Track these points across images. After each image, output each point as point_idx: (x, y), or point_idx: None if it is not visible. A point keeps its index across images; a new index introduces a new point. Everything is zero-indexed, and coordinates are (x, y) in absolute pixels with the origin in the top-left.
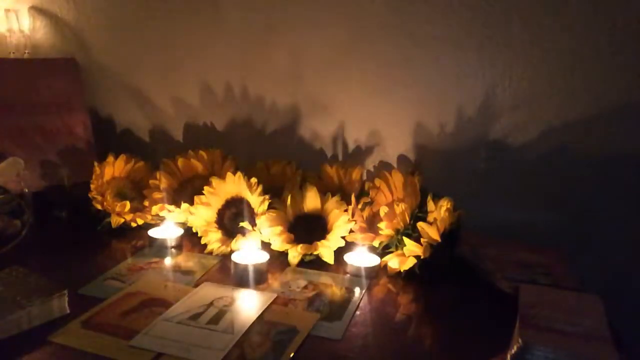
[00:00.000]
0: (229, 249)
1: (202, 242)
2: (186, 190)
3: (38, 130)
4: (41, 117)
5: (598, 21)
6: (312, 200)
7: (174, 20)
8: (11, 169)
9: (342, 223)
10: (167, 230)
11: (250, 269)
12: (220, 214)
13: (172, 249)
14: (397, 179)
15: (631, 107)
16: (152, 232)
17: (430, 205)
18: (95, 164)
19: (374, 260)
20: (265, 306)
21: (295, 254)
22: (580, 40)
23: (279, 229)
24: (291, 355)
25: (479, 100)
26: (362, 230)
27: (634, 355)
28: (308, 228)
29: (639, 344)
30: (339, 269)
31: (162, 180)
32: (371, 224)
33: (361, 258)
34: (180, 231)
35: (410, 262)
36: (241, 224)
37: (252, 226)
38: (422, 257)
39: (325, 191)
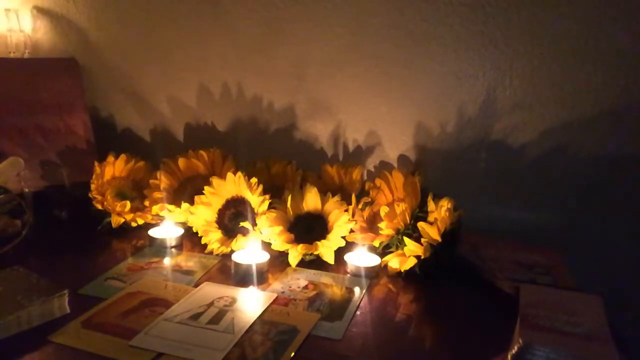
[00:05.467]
0: (229, 249)
1: (203, 242)
2: (186, 190)
3: (38, 130)
4: (41, 117)
5: (598, 21)
6: (312, 200)
7: (175, 19)
8: (11, 168)
9: (342, 223)
10: (167, 230)
11: (251, 269)
12: (221, 213)
13: (172, 249)
14: (397, 178)
15: (631, 107)
16: (152, 232)
17: (431, 205)
18: (96, 163)
19: (374, 260)
20: (266, 306)
21: (295, 253)
22: (581, 40)
23: (279, 228)
24: (292, 355)
25: (479, 100)
26: (363, 230)
27: (634, 355)
28: (308, 228)
29: (639, 344)
30: (340, 269)
31: (163, 180)
32: (371, 224)
33: (361, 258)
34: (181, 231)
35: (411, 262)
36: (241, 223)
37: (253, 226)
38: (422, 257)
39: (325, 191)
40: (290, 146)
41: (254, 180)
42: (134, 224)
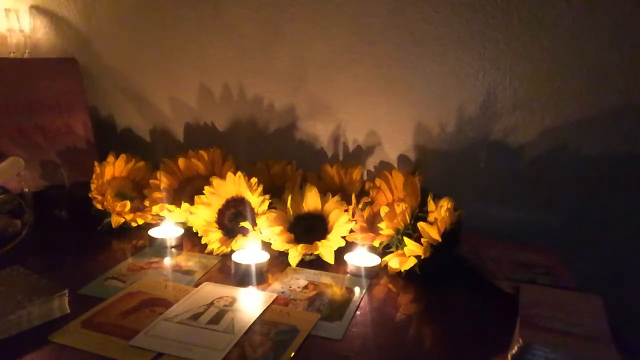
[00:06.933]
0: (229, 249)
1: (203, 242)
2: (186, 190)
3: (38, 130)
4: (41, 117)
5: (598, 21)
6: (312, 200)
7: (175, 19)
8: (11, 168)
9: (342, 223)
10: (167, 230)
11: (251, 269)
12: (221, 213)
13: (173, 249)
14: (397, 178)
15: (631, 107)
16: (152, 232)
17: (431, 205)
18: (96, 163)
19: (374, 260)
20: (266, 306)
21: (295, 253)
22: (580, 40)
23: (279, 228)
24: (292, 355)
25: (479, 100)
26: (363, 230)
27: (634, 356)
28: (308, 228)
29: (639, 344)
30: (340, 269)
31: (163, 180)
32: (371, 224)
33: (361, 258)
34: (181, 231)
35: (411, 262)
36: (241, 223)
37: (253, 226)
38: (422, 257)
39: (325, 191)
40: (290, 146)
41: (254, 180)
42: (134, 224)
